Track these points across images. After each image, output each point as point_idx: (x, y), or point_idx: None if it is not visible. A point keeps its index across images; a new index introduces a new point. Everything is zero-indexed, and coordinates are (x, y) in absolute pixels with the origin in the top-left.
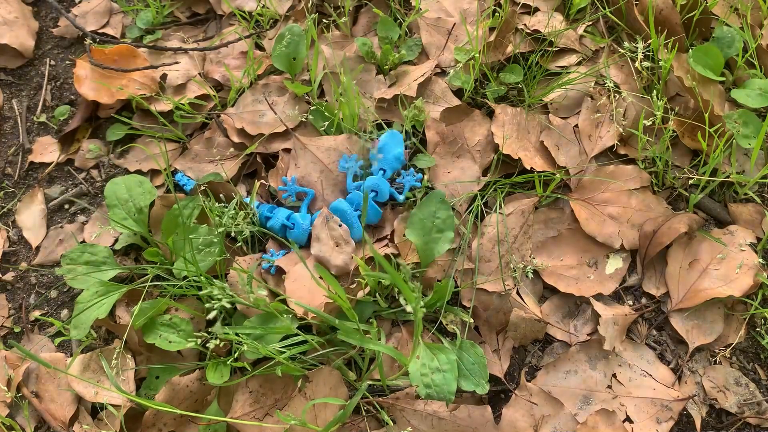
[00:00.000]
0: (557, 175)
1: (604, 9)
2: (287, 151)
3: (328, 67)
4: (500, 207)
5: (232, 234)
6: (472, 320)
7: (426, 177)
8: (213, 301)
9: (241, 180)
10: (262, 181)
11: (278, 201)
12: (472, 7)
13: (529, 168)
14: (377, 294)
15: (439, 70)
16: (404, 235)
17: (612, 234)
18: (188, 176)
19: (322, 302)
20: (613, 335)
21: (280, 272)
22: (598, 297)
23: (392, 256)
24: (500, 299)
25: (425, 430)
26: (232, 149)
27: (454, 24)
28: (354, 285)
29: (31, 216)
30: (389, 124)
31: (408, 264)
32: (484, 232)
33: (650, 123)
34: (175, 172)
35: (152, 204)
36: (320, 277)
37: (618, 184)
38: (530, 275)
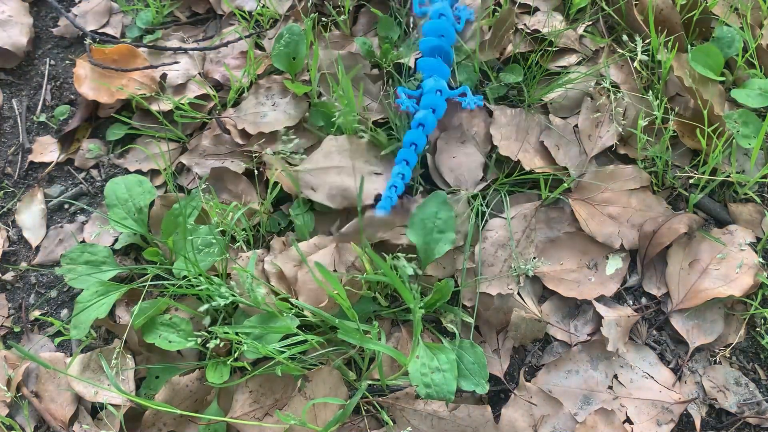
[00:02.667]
0: (565, 181)
1: (604, 8)
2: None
3: (325, 67)
4: (506, 207)
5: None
6: (472, 321)
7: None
8: (212, 301)
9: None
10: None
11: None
12: (474, 4)
13: (528, 170)
14: (377, 293)
15: None
16: (405, 235)
17: (612, 234)
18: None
19: (330, 300)
20: (617, 337)
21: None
22: (600, 298)
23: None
24: (501, 299)
25: (425, 430)
26: (238, 147)
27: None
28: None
29: (30, 216)
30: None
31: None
32: (486, 236)
33: (646, 123)
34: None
35: (152, 204)
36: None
37: (618, 184)
38: (530, 273)
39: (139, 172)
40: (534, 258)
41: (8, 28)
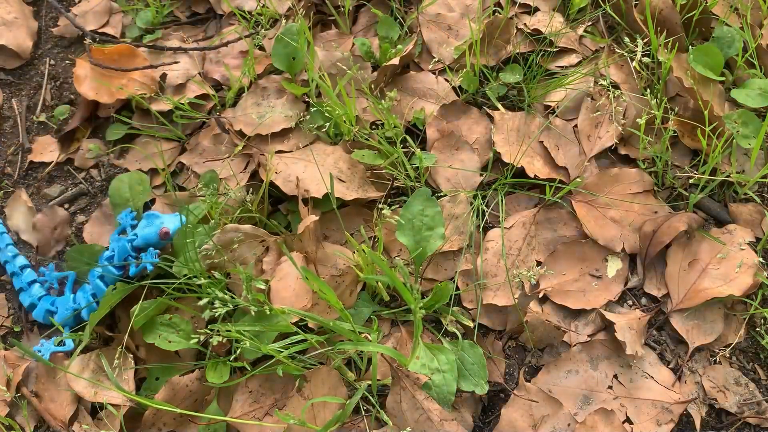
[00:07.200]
0: (569, 184)
1: (604, 6)
2: (281, 152)
3: (324, 68)
4: (501, 219)
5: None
6: (470, 323)
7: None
8: (215, 308)
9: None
10: None
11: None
12: (473, 4)
13: (532, 176)
14: (375, 292)
15: (441, 67)
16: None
17: (614, 237)
18: None
19: (308, 302)
20: (633, 339)
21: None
22: (606, 304)
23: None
24: (509, 311)
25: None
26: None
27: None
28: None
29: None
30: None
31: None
32: (488, 247)
33: (643, 121)
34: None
35: (152, 202)
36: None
37: (621, 187)
38: (533, 281)
39: (138, 171)
40: (537, 265)
41: (14, 29)
